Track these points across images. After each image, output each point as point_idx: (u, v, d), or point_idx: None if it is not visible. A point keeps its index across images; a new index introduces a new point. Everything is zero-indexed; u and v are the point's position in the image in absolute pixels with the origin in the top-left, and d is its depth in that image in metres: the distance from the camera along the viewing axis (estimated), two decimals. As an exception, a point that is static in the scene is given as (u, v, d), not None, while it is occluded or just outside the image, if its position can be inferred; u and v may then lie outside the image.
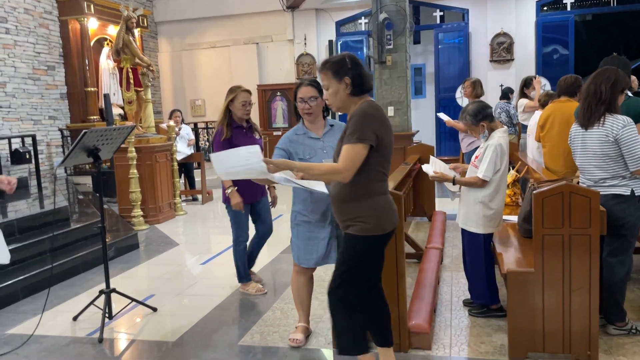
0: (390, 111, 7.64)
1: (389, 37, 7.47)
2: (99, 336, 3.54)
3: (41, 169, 8.51)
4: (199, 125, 11.97)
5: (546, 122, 4.49)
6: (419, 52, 13.23)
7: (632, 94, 3.83)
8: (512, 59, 11.11)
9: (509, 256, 3.35)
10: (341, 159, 2.42)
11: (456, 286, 4.18)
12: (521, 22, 11.09)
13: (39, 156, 8.47)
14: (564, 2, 11.21)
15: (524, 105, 6.75)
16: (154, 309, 4.03)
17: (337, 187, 2.55)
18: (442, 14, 12.01)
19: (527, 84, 6.98)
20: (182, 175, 8.92)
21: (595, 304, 2.84)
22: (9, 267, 4.57)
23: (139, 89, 7.80)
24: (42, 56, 9.47)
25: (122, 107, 9.03)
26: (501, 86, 8.60)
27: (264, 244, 4.45)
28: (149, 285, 4.76)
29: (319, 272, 3.54)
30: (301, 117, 3.23)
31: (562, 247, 2.83)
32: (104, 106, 9.06)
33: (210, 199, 9.05)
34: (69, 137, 9.81)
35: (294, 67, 12.21)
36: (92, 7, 9.93)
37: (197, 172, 9.36)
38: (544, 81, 7.59)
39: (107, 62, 10.46)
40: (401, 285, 3.08)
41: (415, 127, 8.41)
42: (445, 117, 6.85)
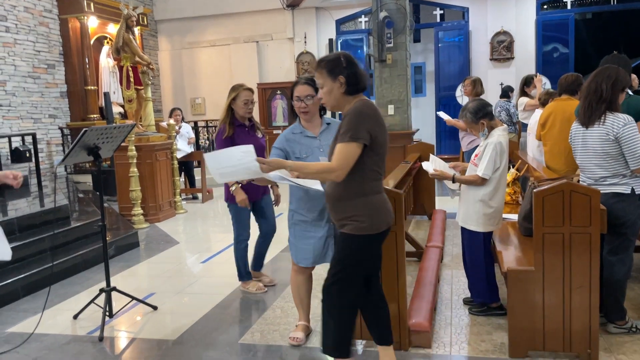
0: (390, 109, 7.64)
1: (389, 35, 7.46)
2: (99, 334, 3.55)
3: (41, 167, 8.50)
4: (199, 123, 11.96)
5: (547, 120, 4.49)
6: (419, 50, 13.22)
7: (632, 93, 3.83)
8: (512, 58, 11.10)
9: (509, 255, 3.35)
10: (335, 158, 2.42)
11: (456, 284, 4.18)
12: (521, 20, 11.07)
13: (39, 155, 8.47)
14: (564, 0, 11.20)
15: (525, 103, 6.74)
16: (155, 308, 4.04)
17: (332, 186, 2.55)
18: (442, 12, 12.00)
19: (527, 82, 6.97)
20: (182, 173, 8.93)
21: (595, 302, 2.84)
22: (9, 266, 4.58)
23: (139, 88, 7.81)
24: (42, 54, 9.46)
25: (122, 106, 9.03)
26: (501, 84, 8.60)
27: (270, 243, 4.38)
28: (149, 283, 4.76)
29: (318, 270, 3.54)
30: (298, 116, 3.23)
31: (562, 246, 2.83)
32: (104, 105, 9.05)
33: (210, 197, 9.05)
34: (69, 136, 9.80)
35: (294, 65, 12.19)
36: (92, 5, 9.91)
37: (197, 171, 9.36)
38: (544, 80, 7.58)
39: (107, 61, 10.45)
40: (401, 283, 3.08)
41: (415, 125, 8.41)
42: (445, 116, 6.84)
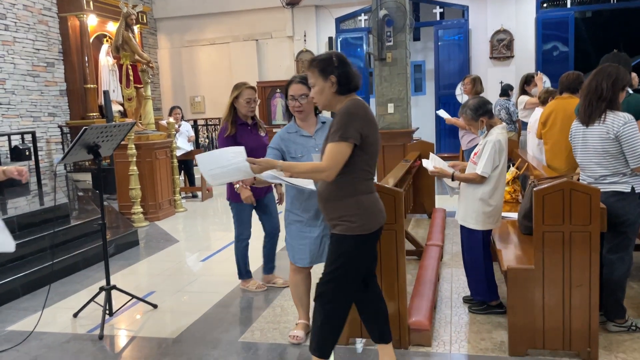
0: (390, 108, 7.63)
1: (389, 33, 7.45)
2: (99, 333, 3.55)
3: (41, 165, 8.51)
4: (199, 122, 11.96)
5: (548, 119, 4.48)
6: (419, 49, 13.22)
7: (632, 91, 3.83)
8: (512, 56, 11.11)
9: (509, 253, 3.35)
10: (325, 158, 2.42)
11: (456, 283, 4.18)
12: (521, 18, 11.07)
13: (39, 153, 8.47)
14: (564, -2, 11.22)
15: (525, 102, 6.73)
16: (155, 306, 4.04)
17: (323, 185, 2.55)
18: (442, 10, 12.00)
19: (527, 80, 6.96)
20: (182, 172, 8.92)
21: (595, 301, 2.84)
22: (9, 264, 4.58)
23: (139, 86, 7.81)
24: (41, 53, 9.45)
25: (122, 104, 9.03)
26: (501, 83, 8.59)
27: (276, 243, 4.32)
28: (149, 282, 4.76)
29: (318, 268, 3.53)
30: (293, 115, 3.22)
31: (562, 244, 2.83)
32: (103, 103, 9.05)
33: (210, 195, 9.05)
34: (69, 134, 9.80)
35: (293, 63, 12.19)
36: (92, 3, 9.91)
37: (197, 169, 9.34)
38: (544, 78, 7.57)
39: (106, 59, 10.44)
40: (401, 282, 3.08)
41: (415, 124, 8.40)
42: (445, 115, 6.83)
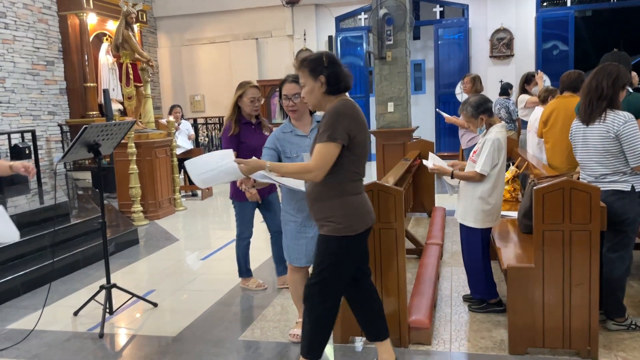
0: (390, 107, 7.63)
1: (389, 32, 7.44)
2: (99, 331, 3.55)
3: (41, 164, 8.50)
4: (199, 120, 11.95)
5: (549, 117, 4.48)
6: (419, 47, 13.21)
7: (632, 90, 3.83)
8: (512, 55, 11.10)
9: (509, 252, 3.36)
10: (312, 158, 2.42)
11: (456, 282, 4.19)
12: (521, 17, 11.07)
13: (39, 151, 8.46)
14: (564, -3, 11.21)
15: (525, 101, 6.73)
16: (155, 305, 4.04)
17: (311, 186, 2.54)
18: (442, 9, 11.99)
19: (527, 80, 6.96)
20: (182, 170, 8.91)
21: (595, 299, 2.84)
22: (10, 263, 4.58)
23: (139, 85, 7.80)
24: (41, 51, 9.45)
25: (122, 103, 9.02)
26: (500, 82, 8.58)
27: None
28: (149, 280, 4.77)
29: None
30: (288, 115, 3.21)
31: (562, 243, 2.83)
32: (103, 102, 9.04)
33: (210, 194, 9.05)
34: (69, 133, 9.79)
35: (293, 62, 12.17)
36: (91, 2, 9.89)
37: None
38: (544, 77, 7.57)
39: (106, 58, 10.43)
40: (401, 280, 3.08)
41: (415, 123, 8.40)
42: (444, 113, 6.83)
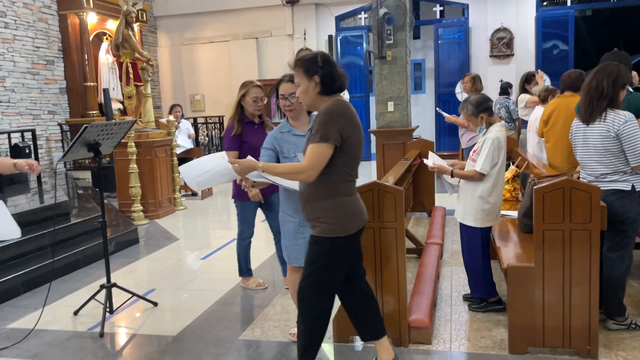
0: (390, 106, 7.62)
1: (389, 32, 7.44)
2: (99, 331, 3.55)
3: (41, 163, 8.50)
4: (199, 120, 11.96)
5: (550, 117, 4.48)
6: (419, 47, 13.21)
7: (633, 90, 3.83)
8: (512, 54, 11.10)
9: (509, 251, 3.36)
10: (305, 158, 2.42)
11: (456, 281, 4.19)
12: (521, 17, 11.06)
13: (39, 151, 8.46)
14: (564, -3, 11.21)
15: (526, 100, 6.73)
16: (155, 304, 4.04)
17: (304, 186, 2.55)
18: (442, 9, 11.98)
19: (527, 79, 6.96)
20: (182, 170, 8.92)
21: (595, 299, 2.85)
22: (10, 262, 4.58)
23: (139, 84, 7.80)
24: (41, 51, 9.44)
25: (122, 102, 9.02)
26: (500, 81, 8.58)
27: None
28: (149, 280, 4.77)
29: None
30: (285, 114, 3.21)
31: (562, 242, 2.83)
32: (103, 101, 9.03)
33: (210, 194, 9.04)
34: (69, 132, 9.79)
35: (288, 62, 12.16)
36: (91, 1, 9.88)
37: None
38: (544, 76, 7.57)
39: (106, 57, 10.42)
40: (401, 280, 3.08)
41: (415, 122, 8.40)
42: (444, 112, 6.84)
